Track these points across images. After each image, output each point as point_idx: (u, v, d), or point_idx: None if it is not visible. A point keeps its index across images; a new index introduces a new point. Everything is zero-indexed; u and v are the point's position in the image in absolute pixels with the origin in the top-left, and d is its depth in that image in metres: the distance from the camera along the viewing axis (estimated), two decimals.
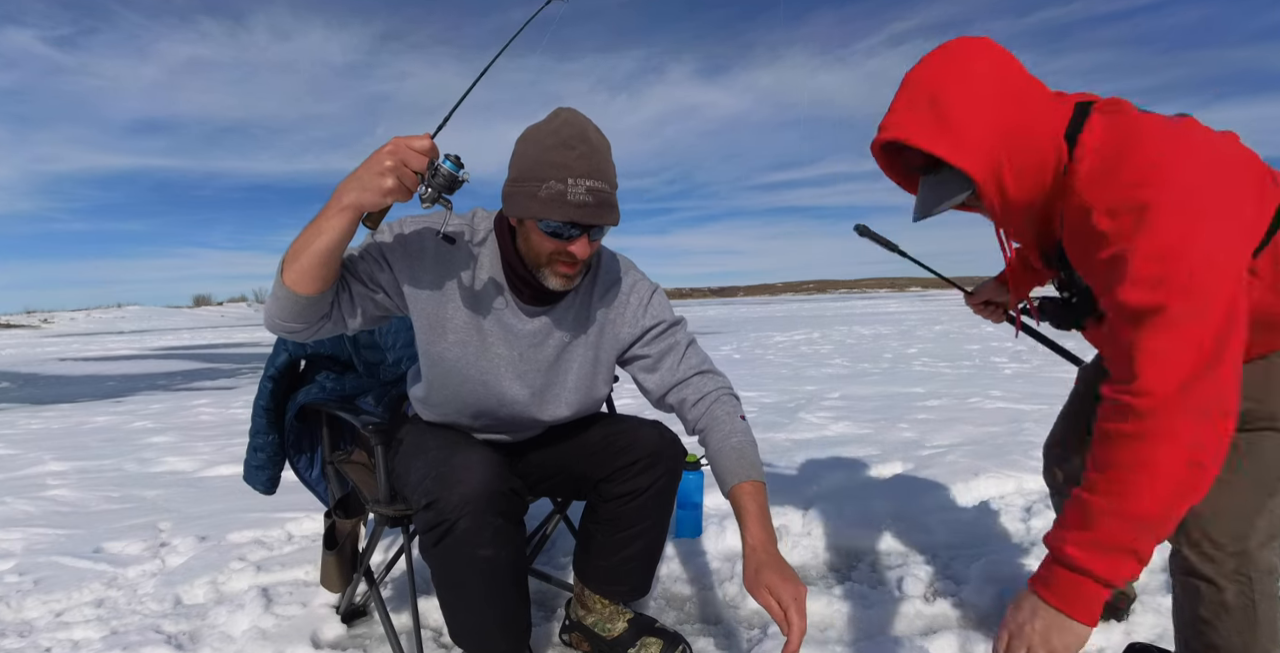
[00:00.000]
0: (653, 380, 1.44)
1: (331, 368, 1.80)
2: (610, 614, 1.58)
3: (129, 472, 3.69)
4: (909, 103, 1.08)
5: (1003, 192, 1.07)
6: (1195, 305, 0.89)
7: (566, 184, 1.16)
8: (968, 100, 1.03)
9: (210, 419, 5.59)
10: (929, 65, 1.09)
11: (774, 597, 1.15)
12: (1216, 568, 1.10)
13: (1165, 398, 0.89)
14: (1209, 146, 0.99)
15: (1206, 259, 0.90)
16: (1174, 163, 0.95)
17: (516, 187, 1.20)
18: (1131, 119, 1.05)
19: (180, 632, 1.76)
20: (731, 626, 1.71)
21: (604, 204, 1.19)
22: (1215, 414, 0.89)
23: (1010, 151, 1.04)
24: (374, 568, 1.74)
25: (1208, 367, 0.89)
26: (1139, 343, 0.92)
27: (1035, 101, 1.06)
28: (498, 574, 1.28)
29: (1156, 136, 0.99)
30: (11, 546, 2.46)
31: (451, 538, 1.23)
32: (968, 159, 1.03)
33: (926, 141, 1.04)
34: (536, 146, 1.19)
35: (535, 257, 1.27)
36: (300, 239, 1.14)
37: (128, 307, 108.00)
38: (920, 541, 2.12)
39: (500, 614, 1.32)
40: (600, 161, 1.19)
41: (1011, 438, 3.37)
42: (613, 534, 1.51)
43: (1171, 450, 0.89)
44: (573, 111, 1.22)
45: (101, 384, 10.02)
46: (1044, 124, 1.06)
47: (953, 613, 1.70)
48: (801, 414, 4.41)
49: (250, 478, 1.80)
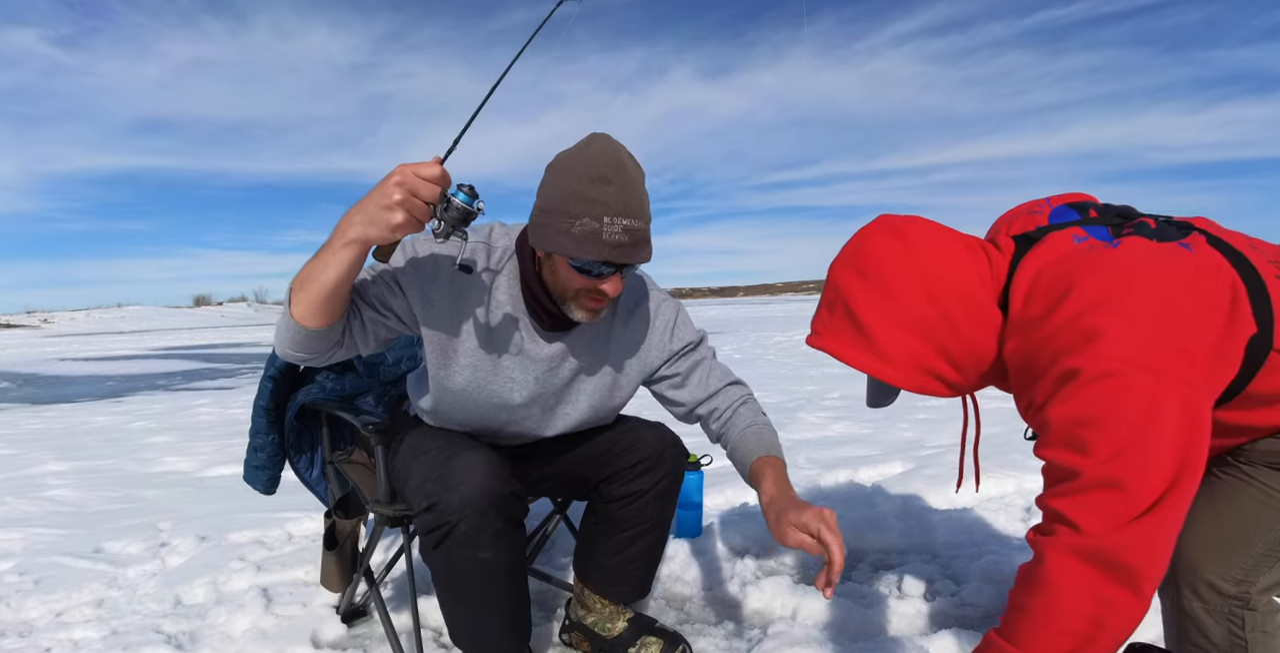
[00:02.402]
0: (683, 395, 1.45)
1: (331, 368, 1.79)
2: (610, 614, 1.58)
3: (129, 472, 3.69)
4: (829, 310, 1.08)
5: (944, 381, 1.07)
6: (1118, 472, 0.84)
7: (602, 222, 1.10)
8: (884, 317, 1.02)
9: (210, 419, 5.59)
10: (842, 268, 1.08)
11: (803, 530, 1.12)
12: (1207, 608, 1.05)
13: (1068, 544, 0.86)
14: (1149, 293, 0.90)
15: (1138, 423, 0.84)
16: (1107, 314, 0.89)
17: (547, 219, 1.15)
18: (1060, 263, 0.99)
19: (180, 632, 1.76)
20: (731, 626, 1.71)
21: (639, 243, 1.15)
22: (1126, 573, 0.84)
23: (938, 349, 1.03)
24: (374, 568, 1.74)
25: (1122, 523, 0.84)
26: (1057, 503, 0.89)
27: (956, 289, 1.02)
28: (498, 577, 1.28)
29: (1086, 288, 0.92)
30: (11, 546, 2.46)
31: (451, 540, 1.22)
32: (892, 373, 1.03)
33: (850, 358, 1.05)
34: (569, 178, 1.12)
35: (562, 290, 1.23)
36: (307, 270, 1.10)
37: (128, 307, 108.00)
38: (920, 541, 2.12)
39: (501, 616, 1.32)
40: (637, 197, 1.13)
41: (1011, 438, 3.36)
42: (613, 535, 1.51)
43: (1063, 601, 0.85)
44: (607, 139, 1.16)
45: (101, 384, 10.02)
46: (972, 317, 1.03)
47: (953, 613, 1.69)
48: (801, 414, 4.41)
49: (250, 478, 1.79)
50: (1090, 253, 0.98)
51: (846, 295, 1.06)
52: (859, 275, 1.06)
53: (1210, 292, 0.92)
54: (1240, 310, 0.92)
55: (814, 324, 1.13)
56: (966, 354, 1.05)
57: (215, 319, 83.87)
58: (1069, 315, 0.91)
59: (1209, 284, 0.92)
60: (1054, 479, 0.91)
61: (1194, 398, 0.87)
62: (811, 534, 1.11)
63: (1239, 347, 0.92)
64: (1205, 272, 0.94)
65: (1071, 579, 0.85)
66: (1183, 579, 1.06)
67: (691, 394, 1.44)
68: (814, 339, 1.12)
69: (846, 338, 1.06)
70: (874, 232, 1.08)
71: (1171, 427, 0.85)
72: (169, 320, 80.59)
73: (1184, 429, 0.85)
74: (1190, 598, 1.06)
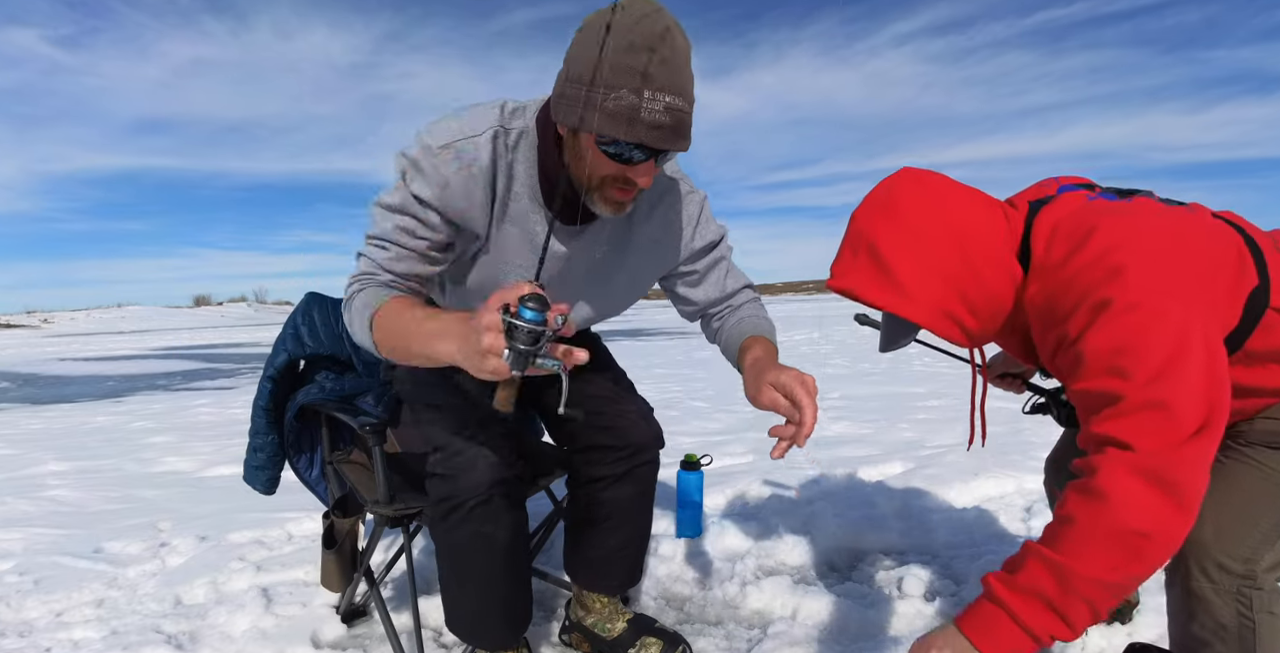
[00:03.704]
0: (696, 294, 1.38)
1: (331, 368, 1.79)
2: (610, 614, 1.58)
3: (129, 472, 3.69)
4: (853, 252, 1.08)
5: (963, 328, 1.07)
6: (1161, 392, 0.87)
7: (642, 97, 0.95)
8: (909, 255, 1.03)
9: (210, 419, 5.59)
10: (869, 211, 1.08)
11: (780, 390, 1.04)
12: (1215, 588, 1.07)
13: (1123, 460, 0.87)
14: (1168, 232, 0.97)
15: (1173, 346, 0.88)
16: (1129, 252, 0.94)
17: (574, 90, 0.98)
18: (1080, 210, 1.04)
19: (180, 632, 1.76)
20: (731, 626, 1.71)
21: (680, 126, 0.99)
22: (1175, 490, 0.86)
23: (959, 295, 1.04)
24: (374, 568, 1.74)
25: (1176, 442, 0.86)
26: (1103, 427, 0.90)
27: (980, 242, 1.05)
28: (500, 555, 1.30)
29: (1108, 226, 0.98)
30: (11, 546, 2.46)
31: (459, 515, 1.25)
32: (914, 311, 1.03)
33: (874, 296, 1.04)
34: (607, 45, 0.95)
35: (585, 177, 1.07)
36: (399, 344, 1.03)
37: (128, 307, 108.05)
38: (920, 540, 2.12)
39: (499, 600, 1.34)
40: (683, 72, 0.97)
41: (1011, 438, 3.37)
42: (596, 526, 1.52)
43: (1113, 511, 0.86)
44: (651, 2, 0.97)
45: (101, 384, 10.01)
46: (992, 263, 1.05)
47: (952, 613, 1.68)
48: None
49: (250, 478, 1.79)
50: (1106, 204, 1.04)
51: (872, 237, 1.05)
52: (885, 218, 1.06)
53: (1220, 240, 1.00)
54: (1245, 261, 1.00)
55: (834, 267, 1.11)
56: (986, 302, 1.06)
57: (215, 319, 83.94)
58: (1093, 255, 0.95)
59: (1218, 234, 1.01)
60: (1096, 407, 0.92)
61: (1213, 329, 0.92)
62: (786, 395, 1.03)
63: (1244, 295, 0.98)
64: (1213, 226, 1.02)
65: (1126, 492, 0.86)
66: (1192, 559, 1.08)
67: (705, 294, 1.38)
68: (835, 281, 1.09)
69: (869, 277, 1.05)
70: (900, 180, 1.10)
71: (1200, 351, 0.89)
72: (169, 320, 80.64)
73: (1210, 354, 0.90)
74: (1200, 578, 1.07)
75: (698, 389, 5.98)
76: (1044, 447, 3.04)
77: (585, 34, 0.99)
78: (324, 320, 1.78)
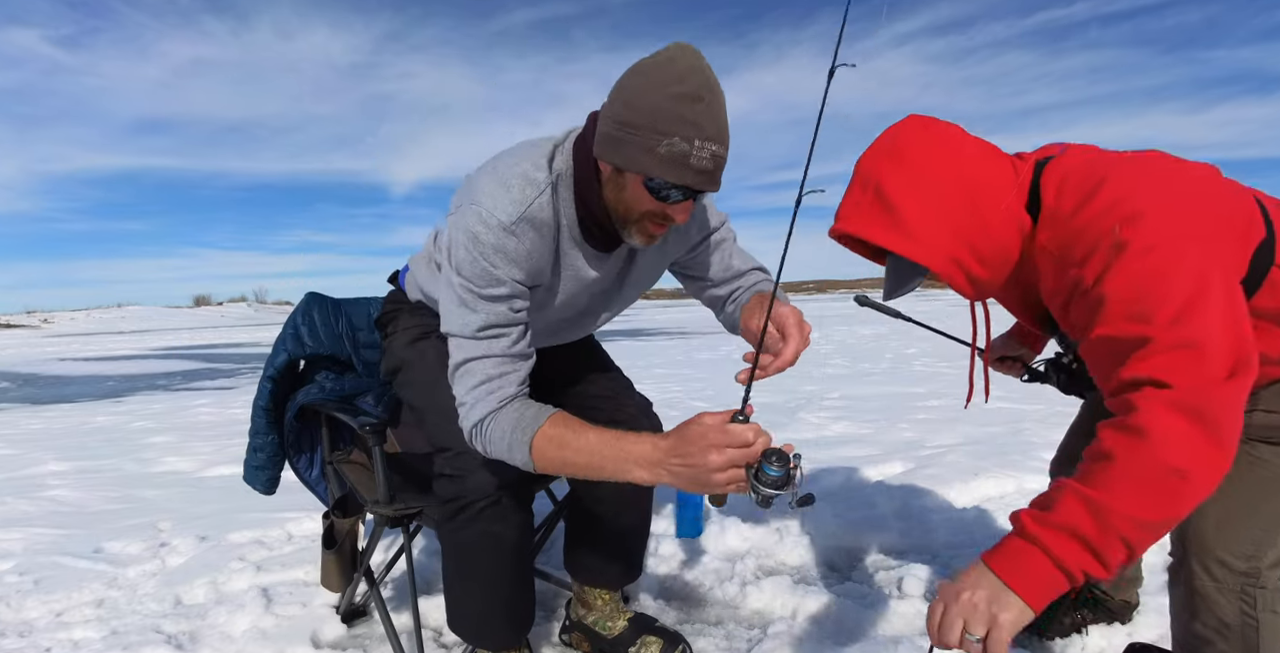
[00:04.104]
0: (700, 272, 1.41)
1: (331, 368, 1.79)
2: (610, 612, 1.58)
3: (129, 472, 3.69)
4: (859, 194, 1.06)
5: (969, 276, 1.06)
6: (1191, 331, 0.86)
7: (693, 145, 1.02)
8: (915, 197, 1.02)
9: (210, 419, 5.59)
10: (876, 155, 1.07)
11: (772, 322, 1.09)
12: (1219, 586, 1.06)
13: (1162, 397, 0.86)
14: (1180, 178, 0.97)
15: (1195, 287, 0.87)
16: (1143, 198, 0.93)
17: (628, 134, 1.04)
18: (1091, 161, 1.03)
19: (180, 632, 1.76)
20: (731, 626, 1.71)
21: (720, 170, 1.08)
22: (1214, 428, 0.84)
23: (967, 243, 1.03)
24: (374, 568, 1.74)
25: (1214, 380, 0.85)
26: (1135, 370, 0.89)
27: (987, 188, 1.04)
28: (506, 555, 1.31)
29: (1121, 173, 0.97)
30: (11, 546, 2.46)
31: (467, 515, 1.26)
32: (922, 254, 1.02)
33: (879, 237, 1.03)
34: (660, 93, 1.02)
35: (625, 211, 1.13)
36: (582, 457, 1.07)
37: (128, 307, 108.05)
38: (920, 540, 2.12)
39: (503, 601, 1.34)
40: (725, 121, 1.05)
41: (1012, 438, 3.37)
42: (593, 519, 1.53)
43: (1155, 447, 0.84)
44: (695, 52, 1.05)
45: (101, 384, 10.02)
46: (999, 209, 1.03)
47: None
48: (801, 414, 4.41)
49: (250, 478, 1.79)
50: (1116, 155, 1.03)
51: (879, 179, 1.04)
52: (893, 161, 1.05)
53: (1230, 190, 1.00)
54: (1254, 213, 0.99)
55: (839, 213, 1.09)
56: (993, 250, 1.04)
57: (215, 319, 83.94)
58: (1107, 201, 0.94)
59: (1229, 185, 1.01)
60: (1123, 353, 0.91)
61: (1231, 273, 0.92)
62: (778, 327, 1.09)
63: (1252, 246, 0.97)
64: (1224, 179, 1.02)
65: (1166, 429, 0.84)
66: (1194, 557, 1.07)
67: (711, 272, 1.40)
68: (839, 225, 1.08)
69: (874, 218, 1.03)
70: (907, 125, 1.09)
71: (1221, 293, 0.88)
72: (169, 320, 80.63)
73: (1230, 296, 0.89)
74: (1203, 576, 1.07)
75: (698, 389, 5.98)
76: (1044, 447, 3.05)
77: (635, 80, 1.06)
78: (324, 320, 1.78)
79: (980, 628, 0.87)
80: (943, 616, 0.90)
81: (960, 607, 0.88)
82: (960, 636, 0.88)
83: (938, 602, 0.92)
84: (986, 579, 0.89)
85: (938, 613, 0.91)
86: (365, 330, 1.83)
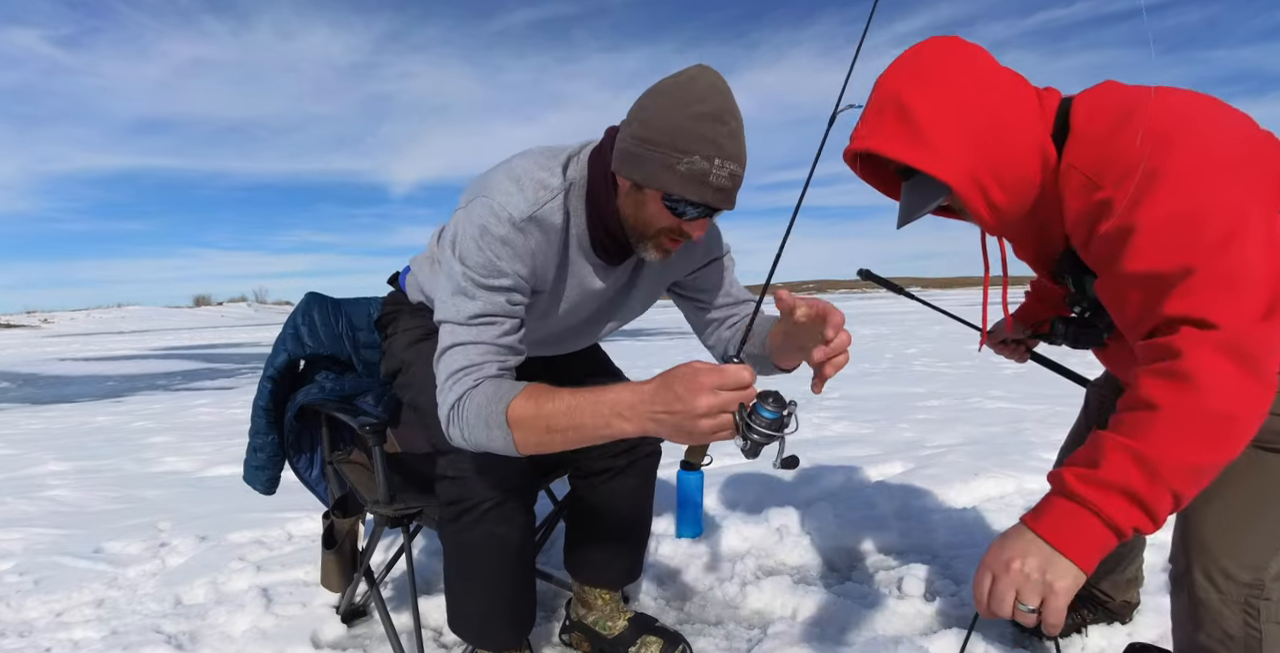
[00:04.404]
0: (702, 297, 1.43)
1: (331, 368, 1.79)
2: (611, 612, 1.58)
3: (129, 472, 3.69)
4: (879, 111, 1.03)
5: (988, 200, 1.02)
6: (1231, 263, 0.82)
7: (713, 164, 1.04)
8: (937, 111, 0.98)
9: (210, 419, 5.59)
10: (898, 72, 1.04)
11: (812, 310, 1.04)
12: (1223, 597, 1.04)
13: (1207, 339, 0.82)
14: (1216, 111, 0.93)
15: (1234, 217, 0.83)
16: (1180, 123, 0.89)
17: (649, 150, 1.06)
18: (1126, 92, 0.99)
19: (180, 632, 1.76)
20: (731, 626, 1.71)
21: (736, 189, 1.10)
22: (1259, 367, 0.81)
23: (989, 162, 0.99)
24: (374, 568, 1.74)
25: (1254, 319, 0.81)
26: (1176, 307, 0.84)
27: (1012, 107, 1.01)
28: (510, 555, 1.31)
29: (1155, 106, 0.93)
30: (11, 546, 2.46)
31: (472, 517, 1.26)
32: (943, 169, 0.98)
33: (898, 152, 0.99)
34: (681, 113, 1.04)
35: (641, 226, 1.15)
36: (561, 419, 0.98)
37: (128, 307, 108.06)
38: (920, 540, 2.12)
39: (505, 602, 1.35)
40: (743, 141, 1.08)
41: (1011, 438, 3.37)
42: (595, 518, 1.54)
43: (1204, 393, 0.80)
44: (716, 75, 1.08)
45: (101, 384, 10.02)
46: (1023, 131, 1.00)
47: (953, 613, 1.69)
48: (801, 414, 4.41)
49: (250, 478, 1.79)
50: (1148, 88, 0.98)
51: (899, 94, 1.01)
52: (916, 78, 1.01)
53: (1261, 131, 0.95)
54: None
55: (855, 132, 1.06)
56: (1014, 175, 1.01)
57: (215, 319, 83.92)
58: (1142, 127, 0.90)
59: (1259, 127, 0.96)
60: (1157, 290, 0.87)
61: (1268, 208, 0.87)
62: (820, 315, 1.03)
63: None
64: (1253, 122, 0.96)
65: (1215, 374, 0.81)
66: (1198, 567, 1.05)
67: (711, 296, 1.42)
68: (856, 143, 1.05)
69: (894, 134, 1.00)
70: (929, 45, 1.05)
71: (1259, 227, 0.84)
72: (169, 320, 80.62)
73: (1268, 231, 0.85)
74: (1207, 588, 1.05)
75: None
76: (1044, 447, 3.05)
77: (657, 99, 1.08)
78: (324, 320, 1.78)
79: (1034, 598, 0.84)
80: (992, 587, 0.86)
81: (1011, 578, 0.85)
82: (1012, 607, 0.85)
83: (983, 573, 0.88)
84: (1036, 547, 0.85)
85: (986, 584, 0.87)
86: (365, 330, 1.83)
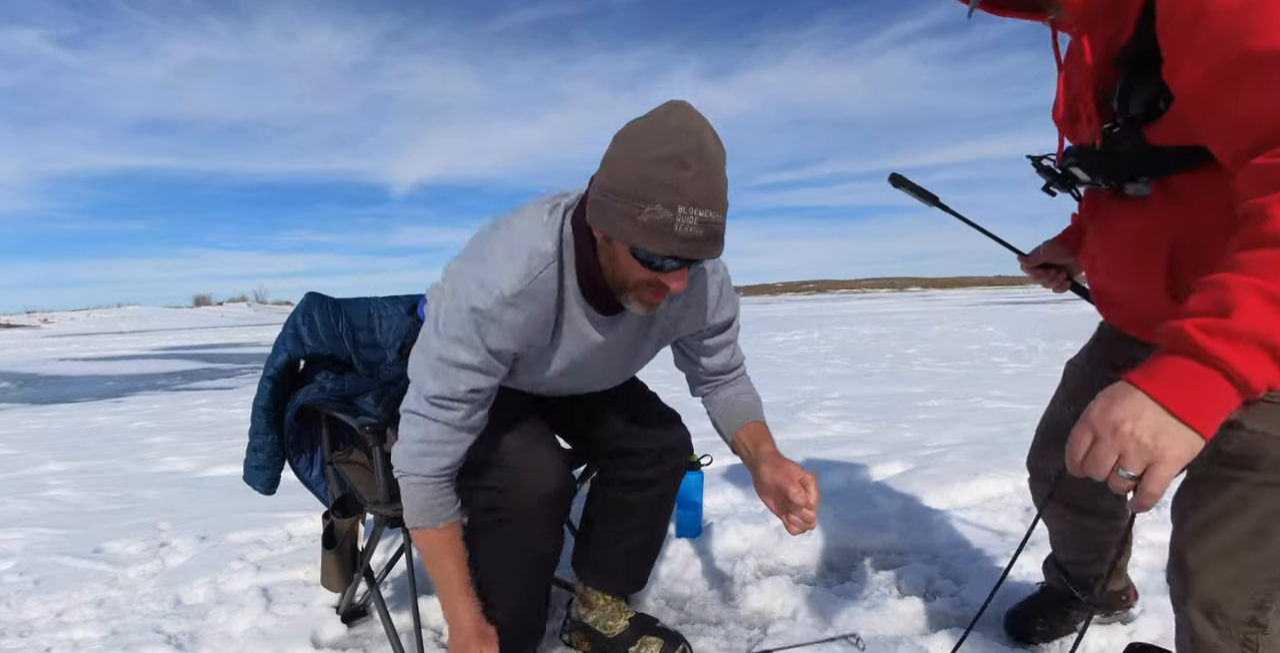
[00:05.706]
0: (705, 362, 1.42)
1: (331, 368, 1.79)
2: (612, 612, 1.58)
3: (129, 472, 3.69)
4: None
5: None
6: None
7: (675, 212, 0.97)
8: None
9: (210, 419, 5.59)
10: None
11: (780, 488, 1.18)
12: (1221, 633, 1.00)
13: None
14: None
15: None
16: None
17: (611, 199, 1.01)
18: None
19: (180, 632, 1.76)
20: (731, 626, 1.71)
21: (712, 237, 1.01)
22: None
23: None
24: (374, 568, 1.74)
25: None
26: None
27: None
28: (538, 570, 1.34)
29: None
30: (11, 546, 2.46)
31: (512, 527, 1.27)
32: None
33: None
34: (642, 156, 0.98)
35: (620, 279, 1.11)
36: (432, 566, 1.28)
37: (128, 307, 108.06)
38: (920, 540, 2.12)
39: (526, 610, 1.36)
40: (717, 185, 1.00)
41: (1011, 438, 3.37)
42: (613, 525, 1.53)
43: None
44: (689, 111, 1.00)
45: (101, 384, 10.02)
46: None
47: (953, 613, 1.69)
48: (801, 414, 4.41)
49: (250, 478, 1.80)
50: None
51: None
52: None
53: None
54: None
55: None
56: None
57: (215, 319, 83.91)
58: None
59: None
60: None
61: None
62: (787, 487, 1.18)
63: None
64: None
65: None
66: (1195, 605, 1.01)
67: (711, 362, 1.42)
68: None
69: None
70: None
71: None
72: (169, 320, 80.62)
73: None
74: (1204, 624, 1.01)
75: None
76: None
77: (622, 144, 1.02)
78: (324, 320, 1.78)
79: (1139, 465, 0.73)
80: (1092, 448, 0.76)
81: (1118, 440, 0.74)
82: (1111, 471, 0.76)
83: (1083, 431, 0.77)
84: (1150, 410, 0.72)
85: (1084, 443, 0.77)
86: (365, 330, 1.84)
